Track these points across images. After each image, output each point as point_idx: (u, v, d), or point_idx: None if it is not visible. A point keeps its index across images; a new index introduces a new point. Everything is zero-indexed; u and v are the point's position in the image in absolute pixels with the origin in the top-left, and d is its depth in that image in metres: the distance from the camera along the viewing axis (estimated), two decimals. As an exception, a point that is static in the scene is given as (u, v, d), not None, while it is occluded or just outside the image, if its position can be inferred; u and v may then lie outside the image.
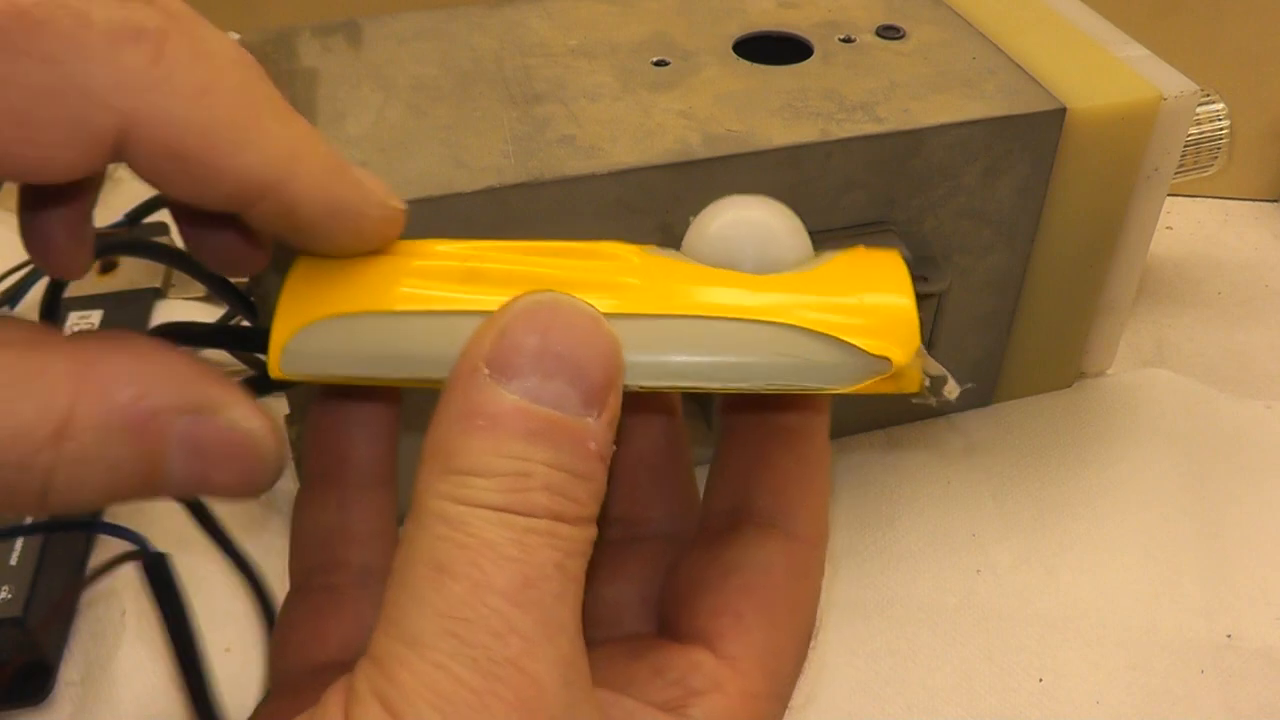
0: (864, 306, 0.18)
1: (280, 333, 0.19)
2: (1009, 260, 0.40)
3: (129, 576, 0.38)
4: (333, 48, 0.38)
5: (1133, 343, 0.48)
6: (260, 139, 0.18)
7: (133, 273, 0.49)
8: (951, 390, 0.19)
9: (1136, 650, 0.36)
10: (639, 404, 0.22)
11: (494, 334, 0.17)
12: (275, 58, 0.37)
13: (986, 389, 0.44)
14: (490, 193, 0.32)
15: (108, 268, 0.50)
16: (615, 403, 0.17)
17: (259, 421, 0.18)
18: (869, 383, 0.18)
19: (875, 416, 0.43)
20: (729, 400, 0.23)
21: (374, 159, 0.33)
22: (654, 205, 0.34)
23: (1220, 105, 0.45)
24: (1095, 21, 0.42)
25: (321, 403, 0.23)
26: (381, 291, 0.19)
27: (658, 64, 0.38)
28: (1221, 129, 0.45)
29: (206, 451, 0.17)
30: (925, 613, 0.37)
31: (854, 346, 0.18)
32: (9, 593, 0.34)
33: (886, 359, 0.18)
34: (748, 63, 0.38)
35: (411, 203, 0.31)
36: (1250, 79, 0.52)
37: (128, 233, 0.45)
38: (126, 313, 0.48)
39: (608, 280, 0.19)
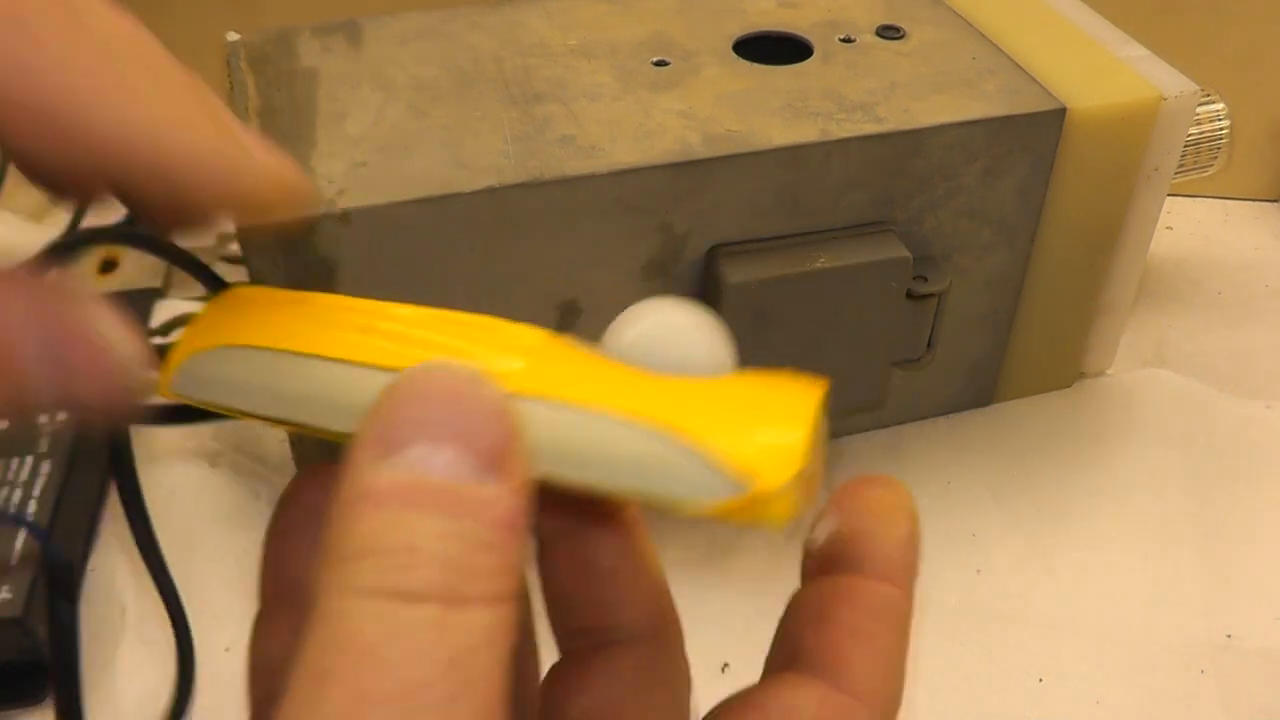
0: (751, 425, 0.17)
1: (176, 354, 0.19)
2: (1009, 260, 0.40)
3: (129, 576, 0.38)
4: (333, 48, 0.38)
5: (1133, 343, 0.48)
6: (129, 93, 0.17)
7: (133, 273, 0.49)
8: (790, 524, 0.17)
9: (1136, 650, 0.36)
10: (583, 509, 0.21)
11: (378, 411, 0.16)
12: (275, 58, 0.37)
13: (986, 389, 0.44)
14: (490, 193, 0.32)
15: (108, 268, 0.50)
16: (519, 466, 0.16)
17: (118, 330, 0.18)
18: (728, 503, 0.16)
19: (875, 417, 0.43)
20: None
21: (374, 159, 0.33)
22: (654, 205, 0.34)
23: (1220, 105, 0.45)
24: (1095, 21, 0.42)
25: (278, 519, 0.22)
26: (285, 331, 0.19)
27: (658, 64, 0.38)
28: (1221, 129, 0.45)
29: (67, 361, 0.17)
30: (925, 613, 0.37)
31: (715, 461, 0.16)
32: (9, 593, 0.34)
33: (746, 483, 0.16)
34: (748, 63, 0.38)
35: (411, 203, 0.32)
36: (1250, 79, 0.52)
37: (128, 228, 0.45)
38: (126, 312, 0.47)
39: (498, 355, 0.18)
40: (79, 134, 0.17)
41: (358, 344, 0.19)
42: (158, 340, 0.44)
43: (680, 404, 0.17)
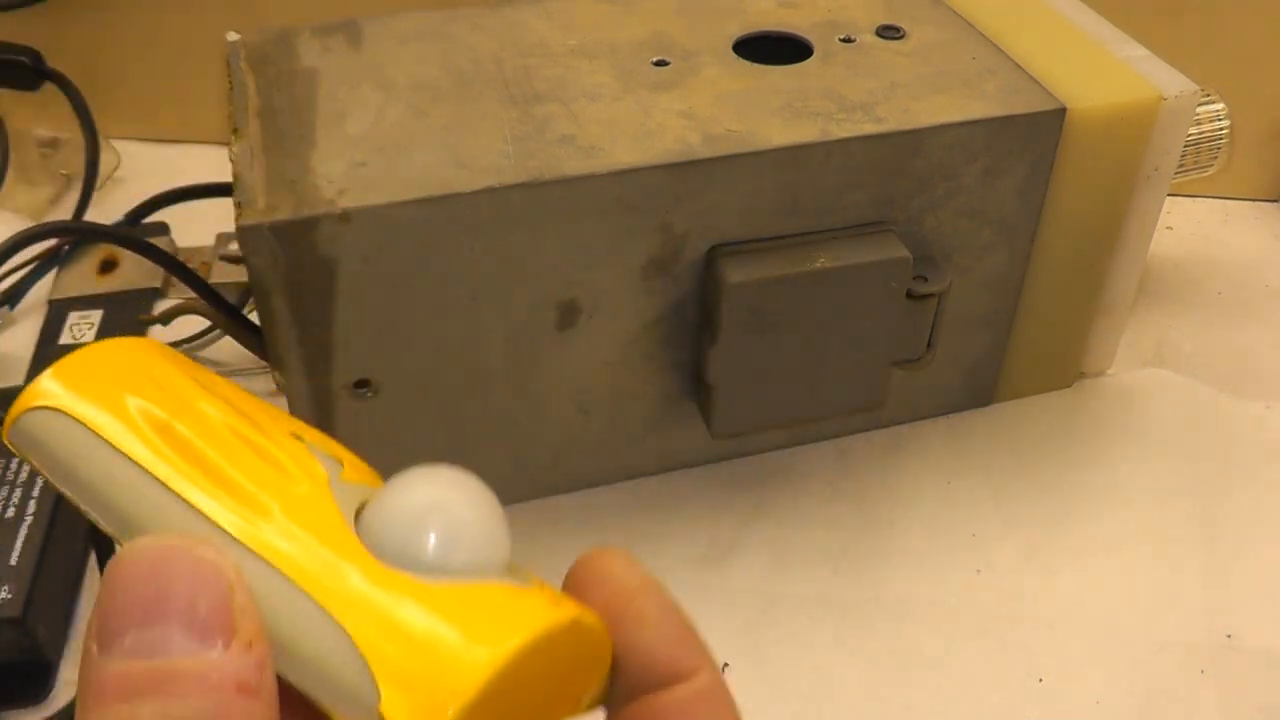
0: (446, 644, 0.16)
1: (22, 400, 0.18)
2: (1009, 260, 0.40)
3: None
4: (333, 48, 0.38)
5: (1133, 343, 0.48)
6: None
7: (133, 273, 0.49)
8: None
9: (1136, 650, 0.36)
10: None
11: (97, 603, 0.16)
12: (275, 58, 0.37)
13: (986, 389, 0.44)
14: (490, 193, 0.32)
15: (107, 268, 0.50)
16: (249, 625, 0.16)
17: None
18: None
19: (875, 417, 0.43)
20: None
21: (374, 159, 0.33)
22: (654, 205, 0.34)
23: (1220, 105, 0.45)
24: (1095, 21, 0.42)
25: None
26: (117, 409, 0.18)
27: (658, 64, 0.38)
28: (1221, 129, 0.45)
29: None
30: (925, 613, 0.37)
31: (371, 681, 0.15)
32: (9, 593, 0.34)
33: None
34: (748, 63, 0.38)
35: (411, 203, 0.32)
36: (1250, 79, 0.52)
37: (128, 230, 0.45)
38: (126, 313, 0.48)
39: (268, 491, 0.18)
40: None
41: (156, 448, 0.18)
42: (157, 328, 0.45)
43: (396, 605, 0.16)
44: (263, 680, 0.15)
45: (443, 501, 0.18)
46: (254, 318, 0.37)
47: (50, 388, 0.18)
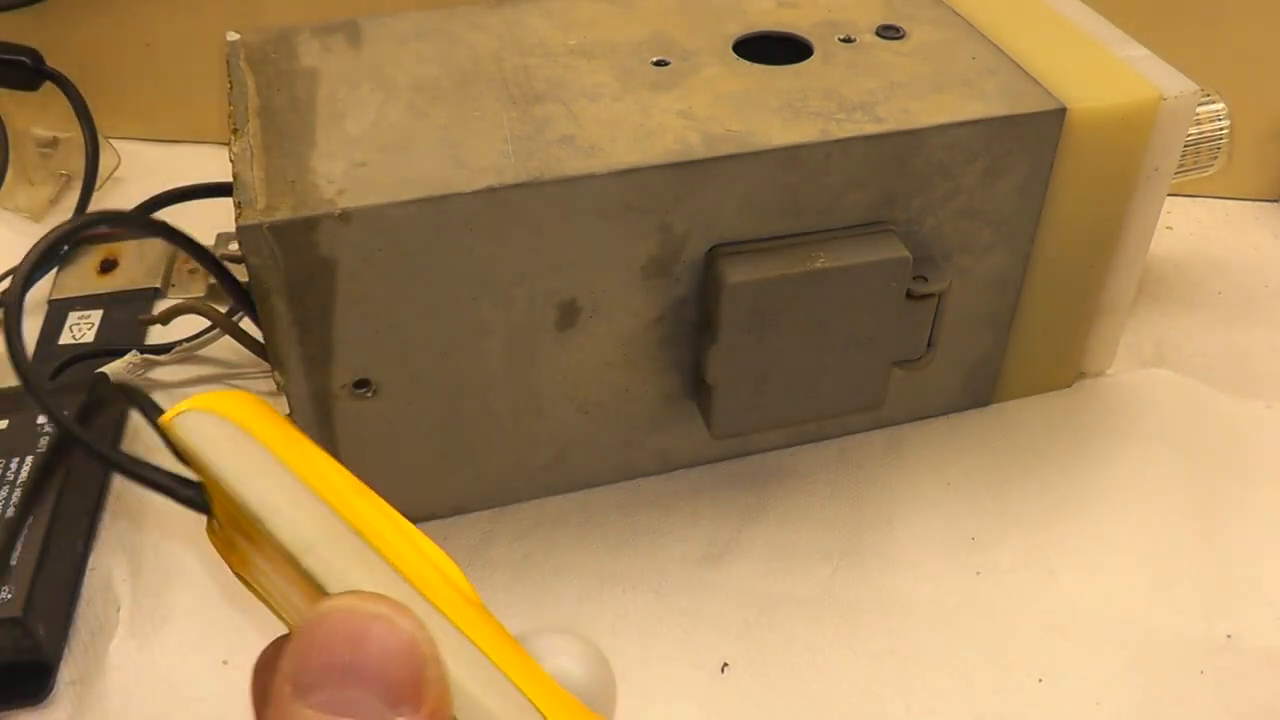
0: None
1: (197, 400, 0.20)
2: (1009, 260, 0.40)
3: (126, 575, 0.38)
4: (333, 48, 0.38)
5: (1133, 343, 0.48)
6: None
7: (132, 272, 0.50)
8: None
9: (1136, 650, 0.36)
10: None
11: (293, 650, 0.17)
12: (275, 58, 0.37)
13: (986, 389, 0.44)
14: (490, 193, 0.32)
15: (107, 268, 0.50)
16: (436, 694, 0.17)
17: None
18: None
19: (875, 417, 0.43)
20: None
21: (374, 159, 0.33)
22: (654, 205, 0.34)
23: (1220, 105, 0.45)
24: (1095, 21, 0.42)
25: (255, 691, 0.22)
26: (286, 445, 0.20)
27: (658, 64, 0.38)
28: (1221, 129, 0.45)
29: None
30: (925, 613, 0.37)
31: None
32: (9, 593, 0.34)
33: None
34: (748, 63, 0.38)
35: (411, 203, 0.32)
36: (1250, 79, 0.52)
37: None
38: (126, 312, 0.48)
39: (438, 580, 0.19)
40: None
41: (342, 490, 0.20)
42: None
43: (566, 705, 0.19)
44: None
45: (600, 668, 0.21)
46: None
47: (202, 404, 0.20)
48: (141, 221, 0.38)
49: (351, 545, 0.19)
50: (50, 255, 0.25)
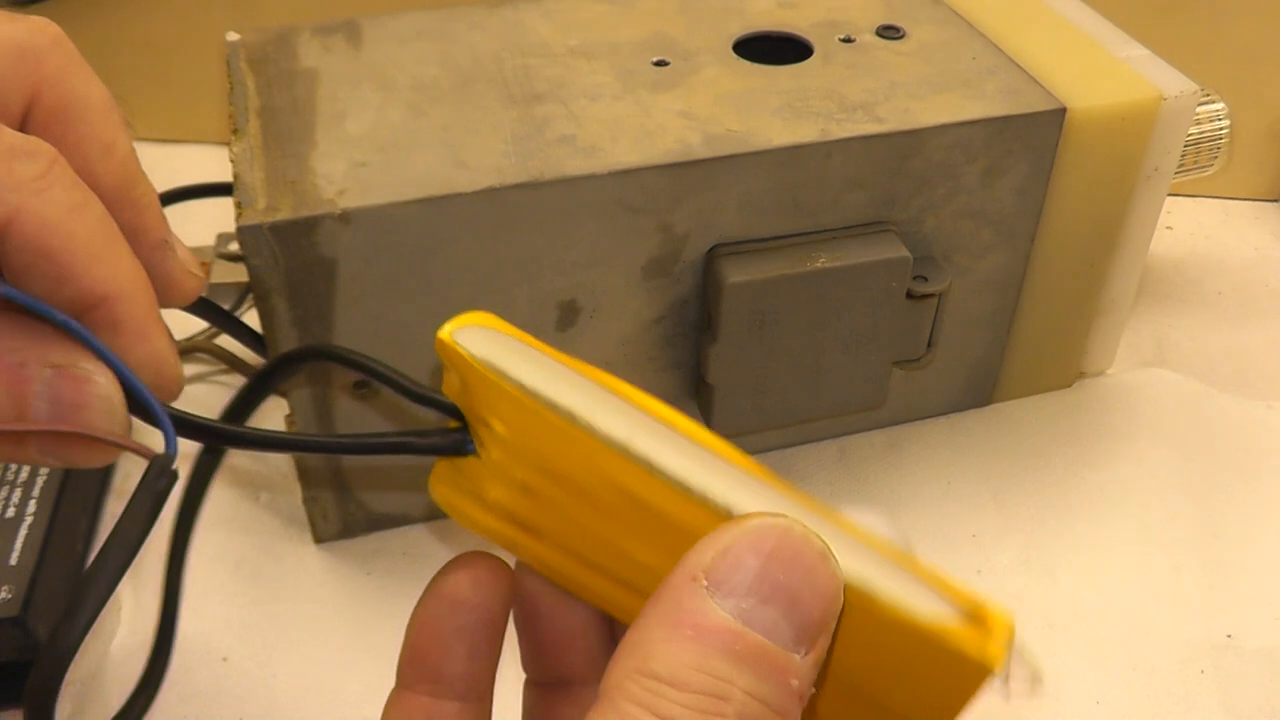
0: (969, 598, 0.19)
1: (464, 317, 0.20)
2: (1009, 260, 0.40)
3: (125, 575, 0.38)
4: (333, 48, 0.38)
5: (1133, 343, 0.48)
6: (110, 258, 0.21)
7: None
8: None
9: (1136, 650, 0.36)
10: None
11: (718, 547, 0.17)
12: (275, 58, 0.37)
13: (986, 389, 0.44)
14: (490, 193, 0.32)
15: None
16: (824, 644, 0.17)
17: (107, 378, 0.20)
18: (964, 630, 0.18)
19: (875, 417, 0.43)
20: None
21: (374, 159, 0.33)
22: (654, 205, 0.34)
23: (1220, 105, 0.45)
24: (1095, 21, 0.42)
25: (424, 606, 0.23)
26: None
27: (658, 64, 0.38)
28: (1221, 129, 0.45)
29: (63, 399, 0.20)
30: (925, 613, 0.37)
31: (955, 604, 0.19)
32: (9, 593, 0.34)
33: (980, 624, 0.18)
34: (748, 63, 0.38)
35: (411, 203, 0.32)
36: (1250, 79, 0.52)
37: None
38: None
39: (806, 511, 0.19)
40: (69, 278, 0.20)
41: (625, 390, 0.20)
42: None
43: (919, 568, 0.19)
44: (808, 695, 0.17)
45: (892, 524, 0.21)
46: (251, 319, 0.37)
47: (473, 320, 0.20)
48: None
49: (674, 440, 0.19)
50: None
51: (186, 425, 0.21)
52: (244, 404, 0.23)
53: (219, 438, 0.22)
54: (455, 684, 0.22)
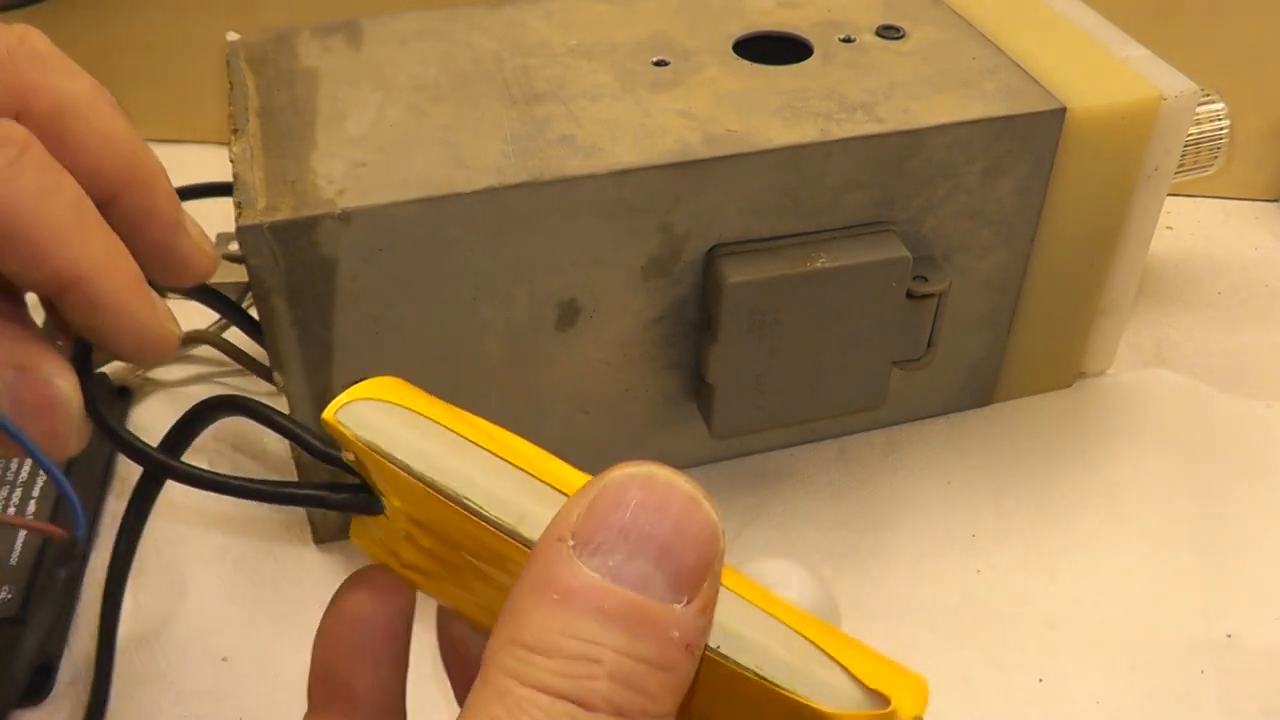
0: (882, 663, 0.18)
1: (348, 393, 0.20)
2: (1009, 260, 0.40)
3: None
4: (333, 48, 0.38)
5: (1133, 343, 0.48)
6: (81, 240, 0.21)
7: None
8: None
9: (1136, 650, 0.36)
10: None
11: (583, 504, 0.16)
12: (275, 58, 0.37)
13: (986, 389, 0.44)
14: (490, 193, 0.32)
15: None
16: (710, 590, 0.16)
17: (68, 382, 0.21)
18: (869, 714, 0.17)
19: (875, 417, 0.43)
20: None
21: (374, 159, 0.33)
22: (654, 205, 0.34)
23: (1220, 105, 0.45)
24: (1095, 21, 0.42)
25: (328, 625, 0.22)
26: (447, 417, 0.20)
27: (658, 64, 0.38)
28: (1221, 129, 0.45)
29: (24, 401, 0.21)
30: (925, 613, 0.37)
31: (859, 679, 0.18)
32: (9, 593, 0.34)
33: (886, 703, 0.17)
34: (748, 63, 0.38)
35: (411, 203, 0.32)
36: (1250, 79, 0.52)
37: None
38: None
39: None
40: (40, 260, 0.21)
41: (533, 457, 0.19)
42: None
43: (820, 632, 0.18)
44: (701, 644, 0.16)
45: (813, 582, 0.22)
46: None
47: (362, 393, 0.20)
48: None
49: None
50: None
51: (129, 450, 0.22)
52: (172, 445, 0.23)
53: (152, 465, 0.22)
54: (367, 701, 0.22)
